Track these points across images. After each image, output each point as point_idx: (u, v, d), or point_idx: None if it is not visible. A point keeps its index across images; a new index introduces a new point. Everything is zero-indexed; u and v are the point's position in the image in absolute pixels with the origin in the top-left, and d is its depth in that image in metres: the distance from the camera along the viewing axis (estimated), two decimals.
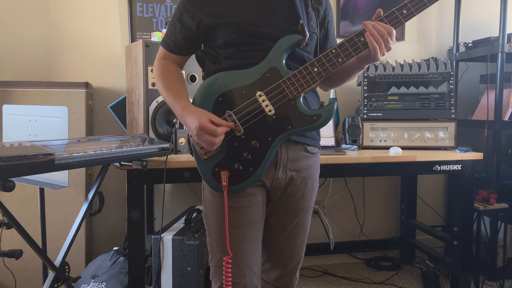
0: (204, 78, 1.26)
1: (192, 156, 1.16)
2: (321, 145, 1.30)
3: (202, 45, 1.24)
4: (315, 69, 1.09)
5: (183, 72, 1.58)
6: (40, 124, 1.68)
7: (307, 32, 1.12)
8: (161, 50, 1.26)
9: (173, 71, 1.24)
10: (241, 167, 1.11)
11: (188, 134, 1.16)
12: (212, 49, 1.18)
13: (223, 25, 1.13)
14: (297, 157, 1.19)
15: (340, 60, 1.08)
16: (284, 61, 1.11)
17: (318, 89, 1.31)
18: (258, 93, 1.09)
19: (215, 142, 1.05)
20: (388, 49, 1.07)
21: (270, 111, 1.09)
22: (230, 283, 1.11)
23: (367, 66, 1.15)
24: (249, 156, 1.10)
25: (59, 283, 1.55)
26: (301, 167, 1.20)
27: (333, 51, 1.08)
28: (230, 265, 1.09)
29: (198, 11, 1.15)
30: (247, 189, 1.14)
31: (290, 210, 1.23)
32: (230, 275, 1.10)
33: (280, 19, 1.14)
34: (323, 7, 1.24)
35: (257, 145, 1.10)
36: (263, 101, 1.09)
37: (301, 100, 1.11)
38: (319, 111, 1.11)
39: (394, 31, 1.06)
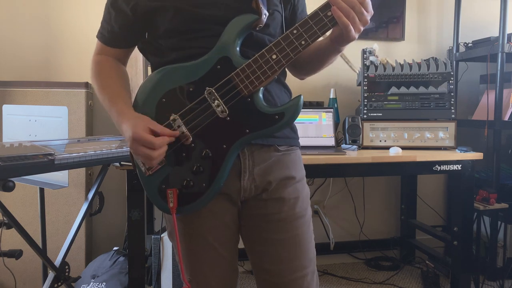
0: None
1: (135, 171, 0.97)
2: (321, 145, 1.17)
3: (146, 34, 1.03)
4: (274, 56, 0.87)
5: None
6: (40, 124, 1.68)
7: (263, 10, 0.90)
8: (97, 44, 1.06)
9: (112, 68, 1.03)
10: (192, 183, 0.91)
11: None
12: (153, 39, 0.99)
13: (160, 9, 0.93)
14: (266, 159, 0.97)
15: (303, 42, 0.86)
16: (238, 49, 0.90)
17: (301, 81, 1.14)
18: (208, 90, 0.89)
19: (153, 156, 0.85)
20: (364, 22, 0.84)
21: (222, 112, 0.89)
22: None
23: (343, 48, 0.92)
24: (201, 169, 0.90)
25: (59, 283, 1.55)
26: (272, 169, 0.98)
27: (294, 31, 0.86)
28: None
29: None
30: (209, 207, 0.95)
31: (270, 221, 0.98)
32: None
33: None
34: None
35: (210, 154, 0.90)
36: (214, 100, 0.89)
37: (260, 95, 0.90)
38: (281, 108, 0.89)
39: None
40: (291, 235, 0.99)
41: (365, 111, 2.26)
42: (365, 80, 2.28)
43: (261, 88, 0.90)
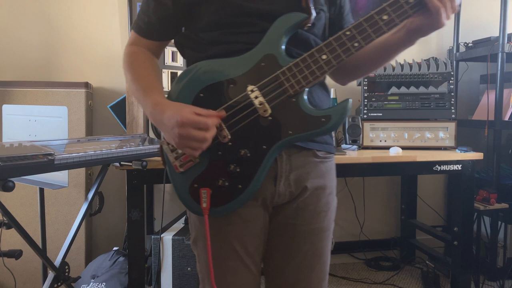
0: None
1: (165, 167, 0.94)
2: None
3: (183, 28, 1.01)
4: (323, 57, 0.85)
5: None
6: (40, 124, 1.68)
7: (312, 10, 0.88)
8: (132, 34, 1.02)
9: (146, 59, 0.99)
10: (227, 183, 0.87)
11: (161, 141, 0.93)
12: (193, 33, 0.96)
13: (205, 1, 0.90)
14: (303, 164, 0.94)
15: (356, 44, 0.84)
16: (283, 47, 0.87)
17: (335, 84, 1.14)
18: (250, 87, 0.86)
19: (207, 137, 0.81)
20: (454, 9, 0.81)
21: (265, 111, 0.85)
22: None
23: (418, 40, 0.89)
24: (238, 170, 0.86)
25: (59, 283, 1.55)
26: (309, 176, 0.94)
27: (347, 33, 0.84)
28: None
29: None
30: (240, 213, 0.91)
31: (298, 232, 0.96)
32: None
33: None
34: None
35: (248, 155, 0.86)
36: (256, 97, 0.85)
37: (305, 96, 0.87)
38: (328, 111, 0.86)
39: None
40: (315, 248, 0.98)
41: (365, 111, 2.26)
42: (365, 80, 2.28)
43: (306, 89, 0.87)
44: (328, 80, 1.10)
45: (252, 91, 0.86)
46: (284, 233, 0.97)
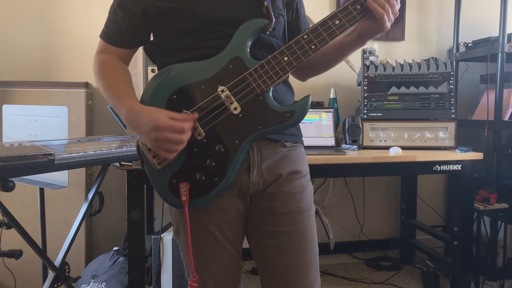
0: None
1: (143, 167, 0.99)
2: (321, 145, 1.22)
3: (151, 35, 1.06)
4: (285, 58, 0.94)
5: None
6: (40, 124, 1.68)
7: (273, 16, 0.97)
8: (100, 43, 1.07)
9: (117, 67, 1.04)
10: (203, 177, 0.94)
11: (138, 141, 0.98)
12: (163, 40, 1.01)
13: (174, 10, 0.96)
14: (273, 154, 1.01)
15: (313, 47, 0.94)
16: (248, 50, 0.95)
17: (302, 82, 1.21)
18: (220, 88, 0.93)
19: (184, 140, 0.88)
20: (395, 14, 0.93)
21: (235, 109, 0.93)
22: None
23: (368, 41, 1.00)
24: (213, 164, 0.94)
25: (59, 283, 1.55)
26: (280, 163, 1.02)
27: (305, 37, 0.94)
28: None
29: None
30: (217, 203, 0.97)
31: (277, 215, 1.01)
32: None
33: (241, 1, 0.99)
34: None
35: (222, 150, 0.94)
36: (227, 97, 0.93)
37: (271, 94, 0.95)
38: (291, 106, 0.95)
39: None
40: (297, 228, 1.02)
41: (365, 111, 2.26)
42: (365, 80, 2.28)
43: (271, 87, 0.95)
44: (328, 81, 1.11)
45: (222, 91, 0.93)
46: (266, 220, 1.02)
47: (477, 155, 2.05)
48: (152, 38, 1.07)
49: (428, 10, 2.82)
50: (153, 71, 1.93)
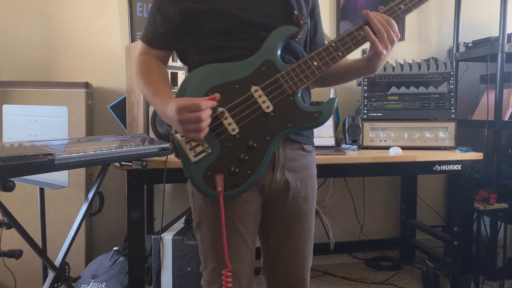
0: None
1: (178, 158, 1.04)
2: (321, 145, 1.28)
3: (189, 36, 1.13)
4: (315, 63, 1.02)
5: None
6: (40, 124, 1.68)
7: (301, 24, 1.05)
8: (141, 45, 1.15)
9: (155, 67, 1.13)
10: (237, 170, 1.00)
11: (171, 134, 1.04)
12: (197, 40, 1.08)
13: (209, 12, 1.03)
14: (295, 157, 1.11)
15: (340, 54, 1.03)
16: (279, 54, 1.03)
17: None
18: (254, 88, 1.01)
19: (203, 117, 0.93)
20: (391, 40, 1.01)
21: (267, 107, 1.01)
22: None
23: (377, 69, 1.10)
24: (247, 157, 1.01)
25: (59, 283, 1.55)
26: (299, 167, 1.12)
27: (333, 44, 1.03)
28: (230, 279, 1.02)
29: None
30: (243, 196, 1.05)
31: (293, 216, 1.13)
32: (231, 285, 1.03)
33: (272, 7, 1.06)
34: None
35: (255, 144, 1.01)
36: (260, 96, 1.00)
37: (299, 95, 1.04)
38: (319, 107, 1.03)
39: (393, 21, 1.02)
40: (306, 227, 1.16)
41: (365, 111, 2.26)
42: (365, 80, 2.28)
43: (301, 89, 1.03)
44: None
45: (256, 91, 1.01)
46: (282, 219, 1.13)
47: (477, 155, 2.05)
48: (186, 39, 1.13)
49: (428, 10, 2.82)
50: None
